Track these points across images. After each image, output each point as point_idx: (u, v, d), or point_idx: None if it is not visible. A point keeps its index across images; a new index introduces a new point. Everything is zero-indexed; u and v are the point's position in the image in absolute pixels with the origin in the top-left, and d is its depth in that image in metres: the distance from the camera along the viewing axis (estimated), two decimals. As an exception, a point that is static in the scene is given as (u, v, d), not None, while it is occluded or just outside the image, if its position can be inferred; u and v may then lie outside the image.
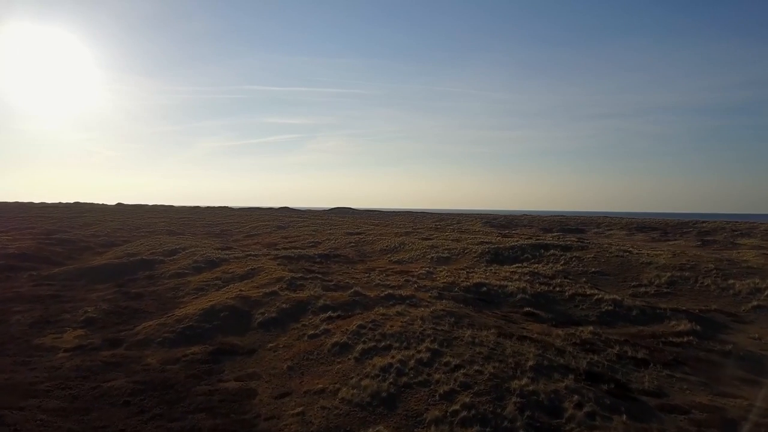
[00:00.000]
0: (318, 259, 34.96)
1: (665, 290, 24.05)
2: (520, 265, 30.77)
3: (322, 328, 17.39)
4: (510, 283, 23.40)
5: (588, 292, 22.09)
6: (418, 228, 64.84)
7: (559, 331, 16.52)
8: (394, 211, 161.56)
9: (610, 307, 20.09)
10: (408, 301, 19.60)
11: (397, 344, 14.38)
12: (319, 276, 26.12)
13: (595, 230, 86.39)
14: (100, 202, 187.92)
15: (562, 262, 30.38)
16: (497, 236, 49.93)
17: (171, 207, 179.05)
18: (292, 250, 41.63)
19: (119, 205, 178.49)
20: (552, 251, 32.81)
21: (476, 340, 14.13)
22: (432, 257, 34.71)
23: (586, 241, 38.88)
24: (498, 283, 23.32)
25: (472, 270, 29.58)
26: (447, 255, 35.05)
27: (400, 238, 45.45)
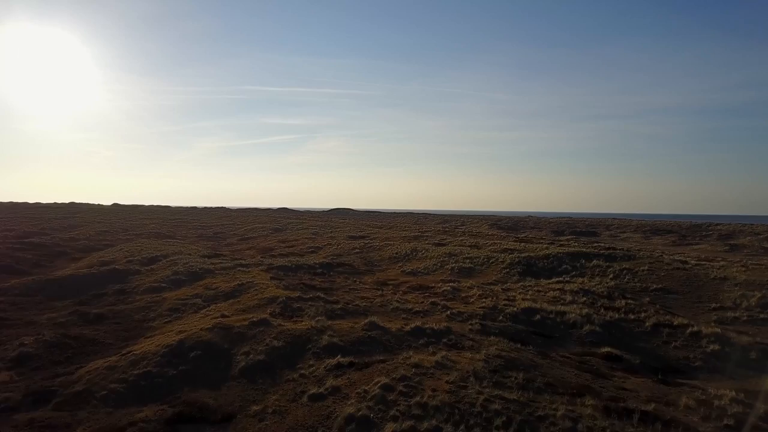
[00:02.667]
0: (319, 270, 29.49)
1: (761, 315, 18.64)
2: (560, 279, 25.34)
3: (328, 384, 11.92)
4: (566, 308, 17.99)
5: (675, 322, 16.68)
6: (426, 231, 59.39)
7: (685, 397, 10.91)
8: (394, 212, 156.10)
9: (715, 346, 14.71)
10: (445, 340, 14.16)
11: (451, 429, 8.95)
12: (322, 295, 20.65)
13: (608, 233, 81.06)
14: (97, 203, 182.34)
15: (611, 275, 24.97)
16: (513, 240, 44.56)
17: (167, 208, 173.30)
18: (290, 257, 36.12)
19: (115, 205, 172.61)
20: (594, 261, 27.39)
21: (578, 426, 8.69)
22: (452, 268, 29.26)
23: (629, 249, 33.46)
24: (552, 308, 17.89)
25: (506, 286, 24.15)
26: (469, 265, 29.60)
27: (411, 243, 39.99)
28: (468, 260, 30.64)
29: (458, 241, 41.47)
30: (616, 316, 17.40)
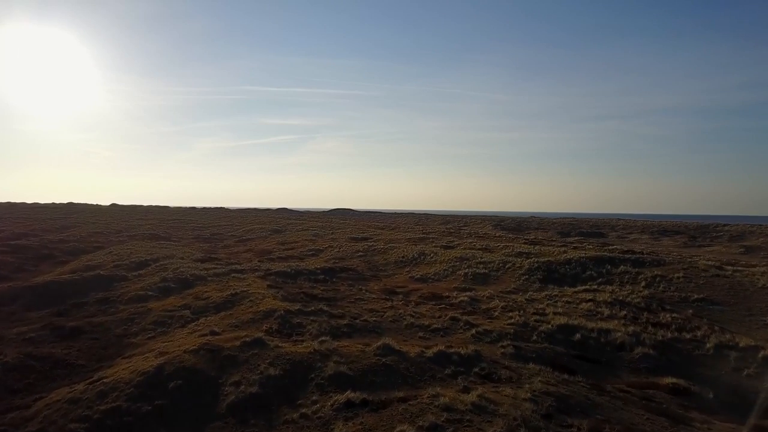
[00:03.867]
0: (321, 276, 26.96)
1: (830, 333, 16.15)
2: (587, 287, 22.84)
3: (339, 431, 9.42)
4: (608, 324, 15.49)
5: (741, 343, 14.19)
6: (430, 233, 56.86)
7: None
8: (395, 213, 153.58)
9: (798, 375, 12.27)
10: (476, 369, 11.64)
11: None
12: (325, 308, 18.12)
13: (615, 234, 78.60)
14: (95, 203, 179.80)
15: (644, 283, 22.46)
16: (524, 243, 42.08)
17: (166, 208, 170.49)
18: (289, 261, 33.59)
19: (113, 205, 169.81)
20: (622, 267, 24.88)
21: None
22: (465, 273, 26.73)
23: (656, 254, 30.97)
24: (593, 325, 15.38)
25: (528, 295, 21.65)
26: (484, 271, 27.08)
27: (417, 246, 37.47)
28: (482, 265, 28.12)
29: (467, 244, 38.95)
30: (669, 335, 14.92)
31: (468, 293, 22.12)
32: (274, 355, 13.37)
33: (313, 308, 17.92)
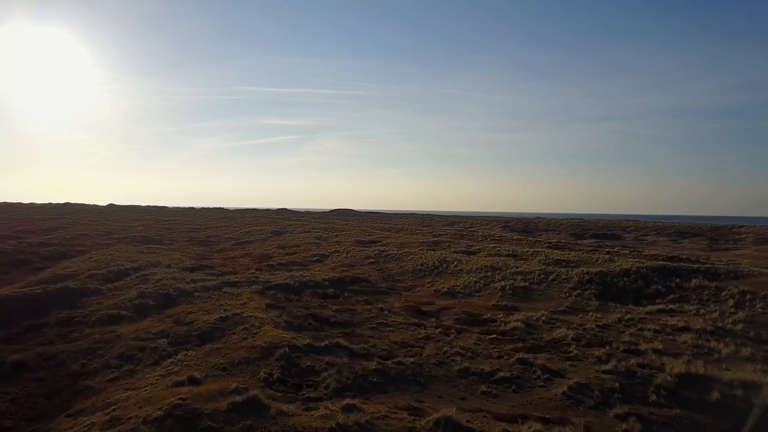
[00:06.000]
0: (330, 289, 22.35)
1: None
2: (661, 306, 18.27)
3: None
4: (746, 373, 10.92)
5: None
6: (440, 235, 52.26)
7: None
8: (396, 213, 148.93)
9: None
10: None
11: None
12: (342, 342, 13.50)
13: (630, 235, 74.12)
14: (92, 203, 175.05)
15: (731, 302, 17.91)
16: (551, 248, 37.54)
17: (164, 208, 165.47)
18: (291, 269, 28.95)
19: (110, 206, 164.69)
20: (695, 281, 20.33)
21: None
22: (502, 287, 22.15)
23: (724, 263, 26.40)
24: (729, 375, 10.79)
25: (592, 317, 17.09)
26: (523, 284, 22.51)
27: (435, 252, 32.89)
28: (519, 276, 23.55)
29: (490, 249, 34.37)
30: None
31: (516, 315, 17.55)
32: (281, 428, 8.77)
33: (327, 342, 13.30)
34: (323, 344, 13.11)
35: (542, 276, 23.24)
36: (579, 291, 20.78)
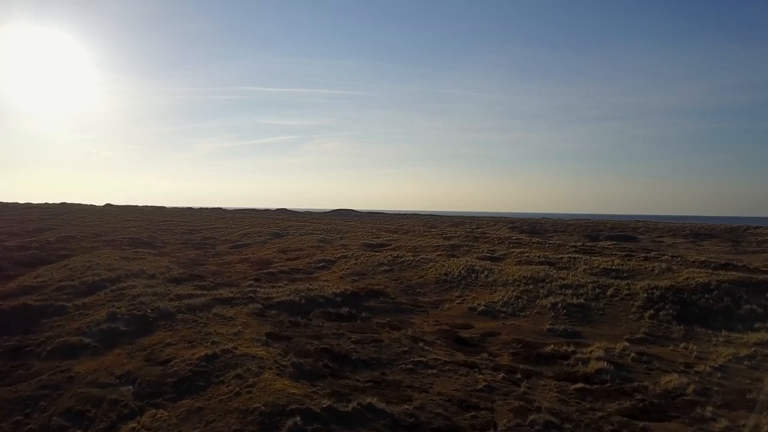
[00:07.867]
0: (344, 307, 18.20)
1: None
2: (764, 334, 14.20)
3: None
4: None
5: None
6: (451, 237, 48.12)
7: None
8: (398, 214, 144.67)
9: None
10: None
11: None
12: (374, 402, 9.35)
13: (645, 237, 70.11)
14: (89, 203, 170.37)
15: None
16: (574, 251, 33.51)
17: (162, 208, 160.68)
18: (295, 279, 24.76)
19: (107, 206, 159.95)
20: (795, 299, 16.31)
21: None
22: (553, 305, 18.02)
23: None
24: None
25: (683, 346, 13.06)
26: (576, 300, 18.40)
27: (457, 259, 28.80)
28: (569, 291, 19.44)
29: (517, 254, 30.26)
30: None
31: (588, 347, 13.43)
32: None
33: (355, 402, 9.15)
34: (350, 408, 8.95)
35: (597, 290, 19.14)
36: (652, 311, 16.68)
